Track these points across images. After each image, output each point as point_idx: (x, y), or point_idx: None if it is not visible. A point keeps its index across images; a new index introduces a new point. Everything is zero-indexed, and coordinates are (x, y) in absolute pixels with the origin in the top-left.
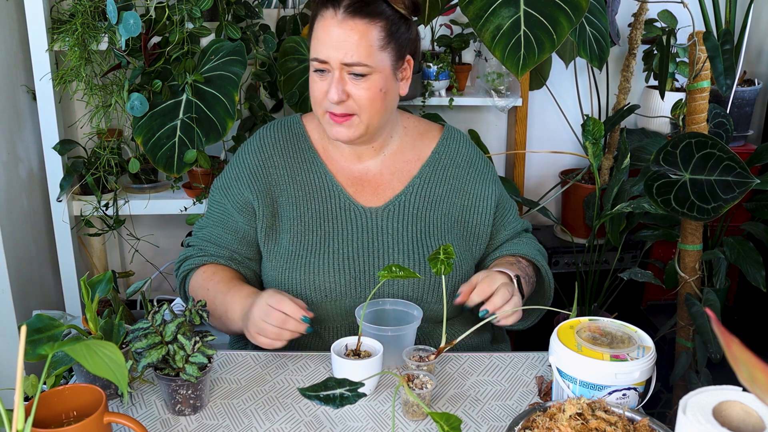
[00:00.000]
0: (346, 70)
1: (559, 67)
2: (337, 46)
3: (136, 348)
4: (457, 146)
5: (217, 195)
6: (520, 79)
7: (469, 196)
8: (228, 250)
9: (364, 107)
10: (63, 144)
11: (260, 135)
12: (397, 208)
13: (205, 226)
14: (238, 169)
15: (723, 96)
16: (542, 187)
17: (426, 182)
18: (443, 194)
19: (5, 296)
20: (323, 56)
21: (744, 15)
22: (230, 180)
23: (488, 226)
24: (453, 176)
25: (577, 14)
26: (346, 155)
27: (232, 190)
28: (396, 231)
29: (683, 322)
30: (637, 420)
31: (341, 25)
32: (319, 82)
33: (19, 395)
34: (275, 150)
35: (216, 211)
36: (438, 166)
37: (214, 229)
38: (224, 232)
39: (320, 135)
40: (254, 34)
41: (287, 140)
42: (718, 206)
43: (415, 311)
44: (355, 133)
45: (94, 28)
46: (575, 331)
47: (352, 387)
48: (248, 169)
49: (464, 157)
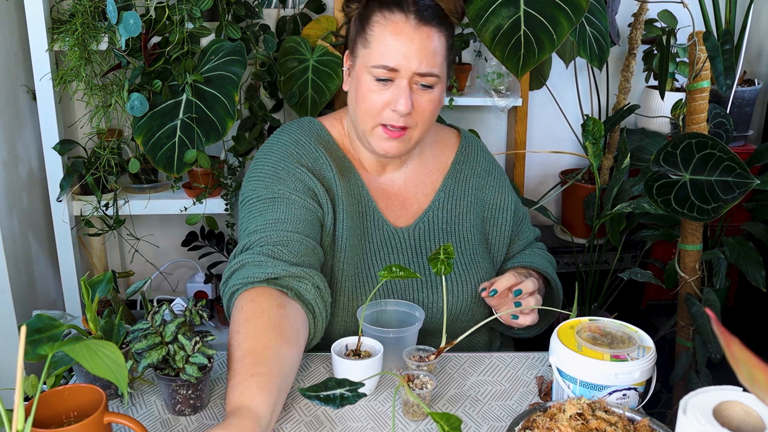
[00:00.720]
0: (416, 80)
1: (559, 67)
2: (411, 53)
3: (136, 349)
4: (476, 155)
5: (266, 191)
6: (520, 79)
7: (488, 207)
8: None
9: (424, 120)
10: (63, 144)
11: (291, 129)
12: (427, 225)
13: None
14: (286, 163)
15: (723, 96)
16: (542, 187)
17: (450, 195)
18: (467, 206)
19: (5, 296)
20: (394, 64)
21: (744, 15)
22: (281, 170)
23: (507, 237)
24: (474, 187)
25: (577, 14)
26: (371, 165)
27: (290, 177)
28: (429, 250)
29: (683, 322)
30: (638, 420)
31: (416, 31)
32: (377, 92)
33: (19, 395)
34: (316, 151)
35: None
36: (459, 177)
37: (272, 213)
38: (287, 212)
39: (344, 142)
40: (254, 34)
41: (319, 142)
42: (718, 206)
43: (416, 312)
44: (406, 147)
45: (94, 28)
46: (575, 331)
47: (352, 387)
48: (296, 155)
49: (483, 165)
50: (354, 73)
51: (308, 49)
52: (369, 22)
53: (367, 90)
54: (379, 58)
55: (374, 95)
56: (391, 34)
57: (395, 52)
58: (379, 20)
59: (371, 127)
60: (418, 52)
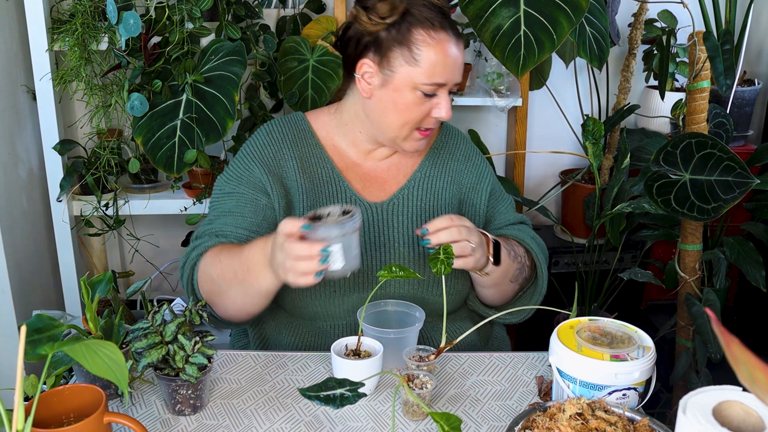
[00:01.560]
0: (450, 89)
1: (559, 67)
2: (456, 69)
3: (136, 348)
4: (455, 141)
5: (227, 186)
6: (520, 79)
7: (465, 190)
8: (247, 231)
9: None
10: (63, 144)
11: (267, 129)
12: (401, 202)
13: (213, 220)
14: (248, 159)
15: (723, 96)
16: (542, 187)
17: (426, 176)
18: (443, 186)
19: (5, 296)
20: (443, 80)
21: (744, 15)
22: (240, 169)
23: (482, 217)
24: (452, 170)
25: (577, 14)
26: (360, 153)
27: (245, 176)
28: (401, 224)
29: (683, 322)
30: (637, 420)
31: (456, 46)
32: (421, 104)
33: (19, 395)
34: (284, 143)
35: (227, 202)
36: (437, 160)
37: (227, 218)
38: (242, 215)
39: (328, 133)
40: (254, 34)
41: (295, 135)
42: (718, 206)
43: (417, 313)
44: (431, 141)
45: (94, 28)
46: (575, 331)
47: (352, 387)
48: (259, 157)
49: (462, 151)
50: (390, 85)
51: (308, 49)
52: (412, 39)
53: (411, 103)
54: (432, 76)
55: (418, 107)
56: (443, 53)
57: (445, 68)
58: (427, 40)
59: (407, 134)
60: (459, 66)
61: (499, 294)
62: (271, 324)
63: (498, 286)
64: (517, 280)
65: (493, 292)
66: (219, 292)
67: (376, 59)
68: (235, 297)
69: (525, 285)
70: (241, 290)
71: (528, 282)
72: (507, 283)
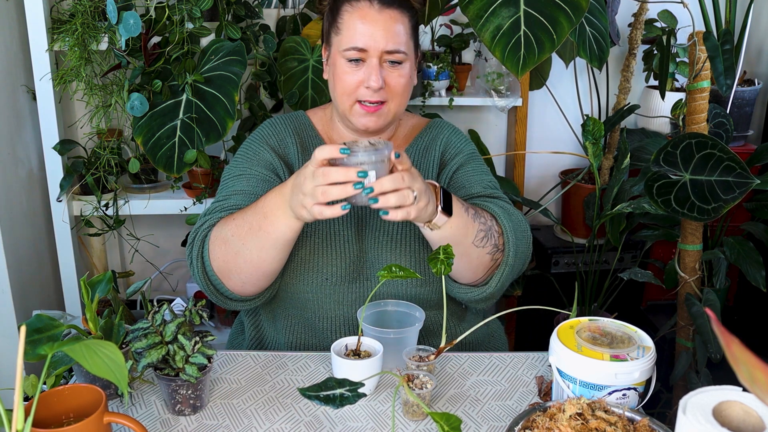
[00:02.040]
0: (385, 58)
1: (559, 67)
2: (377, 34)
3: (136, 348)
4: (439, 131)
5: (236, 169)
6: (520, 79)
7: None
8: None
9: (397, 94)
10: (63, 144)
11: (271, 122)
12: None
13: (224, 199)
14: (256, 143)
15: (723, 96)
16: (542, 188)
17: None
18: (426, 166)
19: (5, 296)
20: (362, 44)
21: (744, 15)
22: (250, 151)
23: (447, 179)
24: (435, 154)
25: (577, 14)
26: None
27: (255, 157)
28: None
29: (683, 322)
30: (637, 420)
31: (381, 14)
32: (351, 73)
33: (19, 395)
34: (287, 132)
35: (237, 183)
36: (420, 145)
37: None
38: (255, 194)
39: (324, 127)
40: (254, 34)
41: (296, 126)
42: (719, 206)
43: (417, 313)
44: (384, 121)
45: (94, 28)
46: (575, 331)
47: (352, 387)
48: (267, 142)
49: (443, 138)
50: (330, 60)
51: (308, 49)
52: (339, 12)
53: (341, 72)
54: (350, 41)
55: (348, 76)
56: (359, 18)
57: (363, 34)
58: (347, 9)
59: (350, 106)
60: (383, 32)
61: (466, 262)
62: (266, 320)
63: (460, 247)
64: (483, 245)
65: (459, 260)
66: (233, 254)
67: (324, 41)
68: (251, 254)
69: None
70: (257, 244)
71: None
72: (471, 247)
